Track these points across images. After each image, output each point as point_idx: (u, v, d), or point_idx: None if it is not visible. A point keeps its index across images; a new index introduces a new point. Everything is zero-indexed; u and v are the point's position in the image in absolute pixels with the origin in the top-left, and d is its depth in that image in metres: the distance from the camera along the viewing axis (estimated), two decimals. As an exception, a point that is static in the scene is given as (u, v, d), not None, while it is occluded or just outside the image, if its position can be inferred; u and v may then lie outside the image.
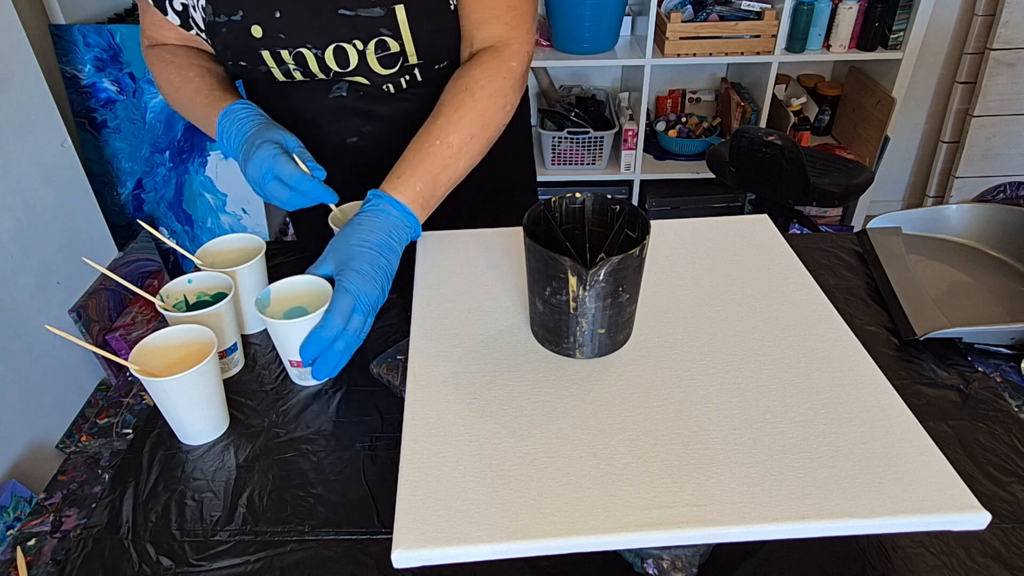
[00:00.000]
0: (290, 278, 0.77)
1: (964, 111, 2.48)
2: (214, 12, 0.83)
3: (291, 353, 0.75)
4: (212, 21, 0.83)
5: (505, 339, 0.69)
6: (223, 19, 0.82)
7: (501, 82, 0.83)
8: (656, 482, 0.54)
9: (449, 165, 0.80)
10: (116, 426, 0.76)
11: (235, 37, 0.83)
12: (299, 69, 0.86)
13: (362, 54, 0.85)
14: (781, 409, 0.60)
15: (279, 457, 0.69)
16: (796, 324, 0.69)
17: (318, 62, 0.85)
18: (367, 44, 0.84)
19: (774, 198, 2.05)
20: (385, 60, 0.86)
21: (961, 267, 0.93)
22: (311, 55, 0.84)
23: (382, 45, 0.84)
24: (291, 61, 0.85)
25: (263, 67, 0.86)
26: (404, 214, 0.76)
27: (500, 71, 0.84)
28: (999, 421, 0.70)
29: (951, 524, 0.51)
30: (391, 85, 0.90)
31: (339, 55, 0.85)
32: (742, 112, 2.50)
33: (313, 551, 0.61)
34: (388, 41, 0.84)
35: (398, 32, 0.83)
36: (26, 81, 1.70)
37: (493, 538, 0.50)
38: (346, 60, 0.85)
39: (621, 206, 0.68)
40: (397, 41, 0.84)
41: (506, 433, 0.59)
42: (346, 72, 0.87)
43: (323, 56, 0.84)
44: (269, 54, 0.84)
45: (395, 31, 0.83)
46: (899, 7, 2.26)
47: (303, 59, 0.85)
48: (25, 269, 1.64)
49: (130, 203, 2.36)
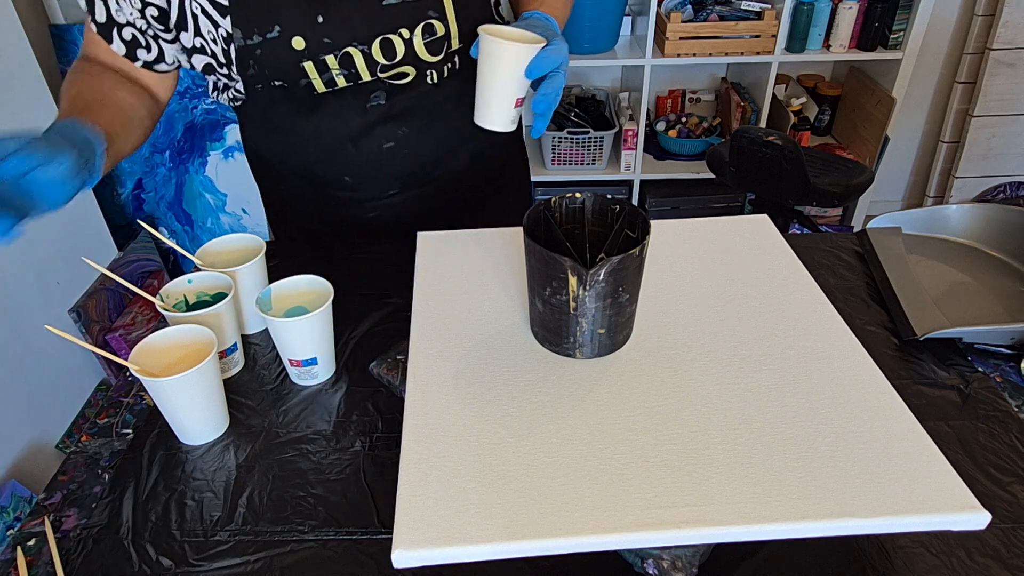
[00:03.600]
0: (291, 278, 0.77)
1: (964, 111, 2.48)
2: (245, 35, 0.80)
3: (291, 352, 0.75)
4: (244, 46, 0.81)
5: (505, 339, 0.69)
6: (257, 40, 0.80)
7: None
8: (656, 482, 0.54)
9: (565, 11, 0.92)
10: (116, 426, 0.76)
11: (273, 56, 0.81)
12: (343, 73, 0.85)
13: (408, 43, 0.85)
14: (781, 409, 0.60)
15: (279, 457, 0.69)
16: (796, 324, 0.69)
17: (365, 58, 0.84)
18: (414, 30, 0.84)
19: (774, 198, 2.05)
20: (432, 45, 0.87)
21: (961, 267, 0.93)
22: (358, 53, 0.84)
23: (429, 29, 0.85)
24: (336, 66, 0.84)
25: (303, 80, 0.84)
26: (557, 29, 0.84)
27: None
28: (999, 421, 0.70)
29: (951, 524, 0.51)
30: (435, 73, 0.90)
31: (386, 47, 0.85)
32: (742, 112, 2.50)
33: (313, 551, 0.61)
34: (434, 24, 0.85)
35: (443, 12, 0.85)
36: (26, 81, 1.70)
37: (493, 538, 0.50)
38: (393, 52, 0.85)
39: (621, 206, 0.68)
40: (443, 22, 0.85)
41: (506, 433, 0.59)
42: (393, 64, 0.86)
43: (370, 51, 0.84)
44: (312, 64, 0.83)
45: (441, 12, 0.84)
46: (899, 7, 2.26)
47: (349, 60, 0.84)
48: (25, 269, 1.64)
49: (130, 203, 2.36)
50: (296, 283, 0.77)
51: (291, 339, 0.74)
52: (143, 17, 0.81)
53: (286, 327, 0.73)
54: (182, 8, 0.80)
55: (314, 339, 0.75)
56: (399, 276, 0.93)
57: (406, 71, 0.88)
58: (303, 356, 0.75)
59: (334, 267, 0.97)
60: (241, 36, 0.80)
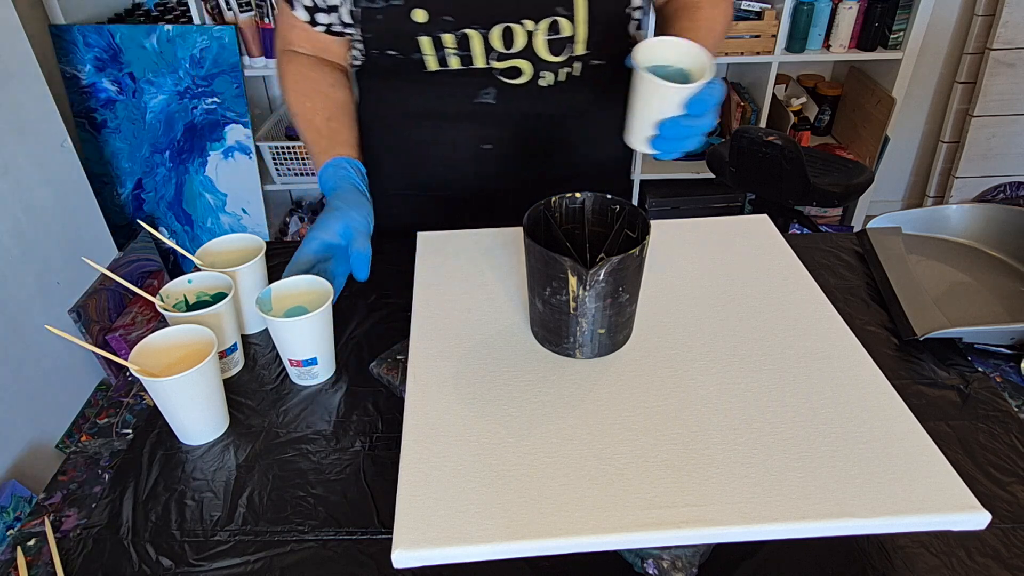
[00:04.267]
0: (291, 278, 0.77)
1: (964, 111, 2.48)
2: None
3: (291, 352, 0.75)
4: (367, 8, 0.82)
5: (505, 339, 0.69)
6: (380, 5, 0.81)
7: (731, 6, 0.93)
8: (656, 482, 0.54)
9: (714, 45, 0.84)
10: (116, 426, 0.76)
11: (392, 24, 0.82)
12: (458, 54, 0.84)
13: (531, 36, 0.84)
14: (781, 409, 0.60)
15: (279, 457, 0.69)
16: (796, 324, 0.69)
17: (483, 42, 0.83)
18: (538, 23, 0.83)
19: (774, 198, 2.05)
20: (554, 45, 0.85)
21: (961, 267, 0.93)
22: (477, 36, 0.83)
23: (554, 27, 0.83)
24: (452, 45, 0.83)
25: (416, 55, 0.84)
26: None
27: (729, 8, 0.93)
28: (999, 421, 0.70)
29: (951, 524, 0.51)
30: (551, 76, 0.88)
31: (506, 36, 0.83)
32: (742, 112, 2.50)
33: (313, 551, 0.61)
34: (561, 22, 0.83)
35: (572, 12, 0.83)
36: (26, 81, 1.70)
37: (493, 538, 0.50)
38: (512, 41, 0.84)
39: (621, 206, 0.68)
40: (571, 22, 0.83)
41: (506, 433, 0.59)
42: (509, 55, 0.85)
43: (488, 36, 0.83)
44: (429, 40, 0.83)
45: (570, 11, 0.83)
46: (899, 7, 2.26)
47: (466, 42, 0.83)
48: (25, 269, 1.64)
49: (130, 203, 2.36)
50: (296, 283, 0.77)
51: (291, 339, 0.74)
52: None
53: (286, 327, 0.73)
54: None
55: (314, 339, 0.74)
56: (399, 276, 0.93)
57: (521, 67, 0.87)
58: (303, 356, 0.75)
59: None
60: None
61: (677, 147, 0.73)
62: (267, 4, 2.17)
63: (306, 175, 2.45)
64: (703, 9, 0.87)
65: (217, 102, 2.24)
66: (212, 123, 2.28)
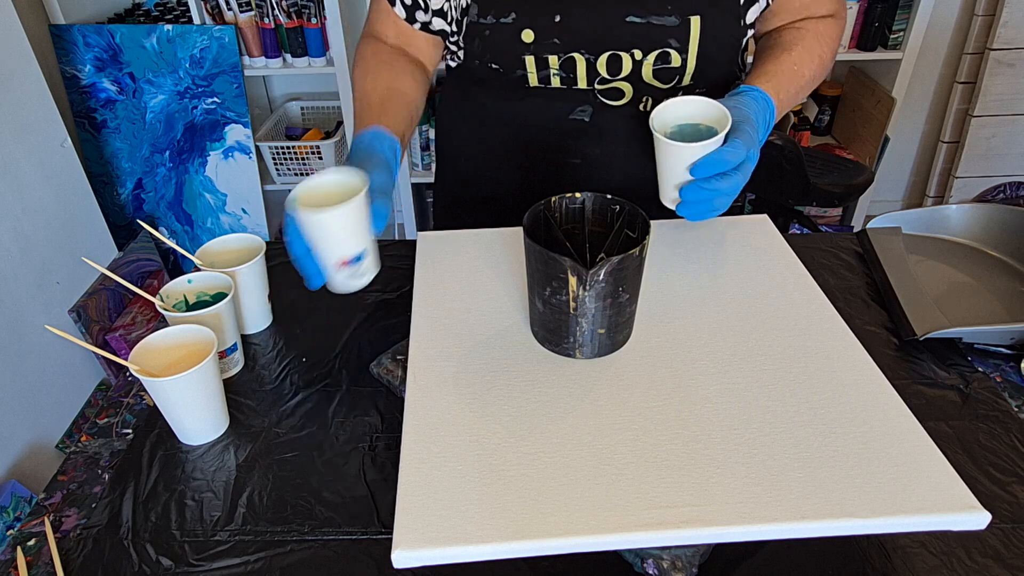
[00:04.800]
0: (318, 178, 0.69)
1: (964, 111, 2.48)
2: (480, 13, 0.80)
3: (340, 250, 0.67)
4: (476, 23, 0.81)
5: (505, 339, 0.69)
6: (490, 21, 0.80)
7: (837, 45, 0.89)
8: (656, 482, 0.54)
9: (797, 93, 0.83)
10: (116, 426, 0.76)
11: (500, 40, 0.80)
12: (561, 75, 0.83)
13: (638, 64, 0.82)
14: (781, 409, 0.60)
15: (279, 457, 0.69)
16: (796, 324, 0.69)
17: (587, 68, 0.82)
18: (647, 54, 0.81)
19: (774, 198, 2.05)
20: (662, 73, 0.83)
21: (961, 267, 0.93)
22: (582, 60, 0.81)
23: (663, 57, 0.81)
24: (556, 67, 0.82)
25: (519, 71, 0.83)
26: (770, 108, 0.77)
27: (838, 37, 0.90)
28: (999, 421, 0.70)
29: (951, 524, 0.51)
30: (651, 101, 0.86)
31: (612, 63, 0.82)
32: (742, 112, 2.50)
33: (313, 551, 0.61)
34: (671, 54, 0.81)
35: (686, 45, 0.80)
36: (26, 81, 1.70)
37: (493, 538, 0.50)
38: (619, 68, 0.82)
39: (621, 206, 0.68)
40: (682, 55, 0.81)
41: (506, 433, 0.59)
42: (614, 79, 0.84)
43: (595, 62, 0.81)
44: (533, 60, 0.81)
45: (684, 44, 0.80)
46: (899, 7, 2.26)
47: (572, 65, 0.82)
48: (25, 269, 1.64)
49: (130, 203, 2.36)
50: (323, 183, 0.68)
51: (338, 232, 0.65)
52: None
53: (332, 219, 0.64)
54: None
55: (362, 227, 0.67)
56: (399, 276, 0.93)
57: (623, 88, 0.85)
58: (353, 251, 0.67)
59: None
60: (477, 13, 0.80)
61: (700, 211, 0.72)
62: (267, 4, 2.17)
63: (306, 175, 2.45)
64: (793, 52, 0.84)
65: (217, 102, 2.24)
66: (212, 123, 2.28)
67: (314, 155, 2.38)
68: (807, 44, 0.85)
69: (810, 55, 0.85)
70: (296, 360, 0.81)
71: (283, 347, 0.83)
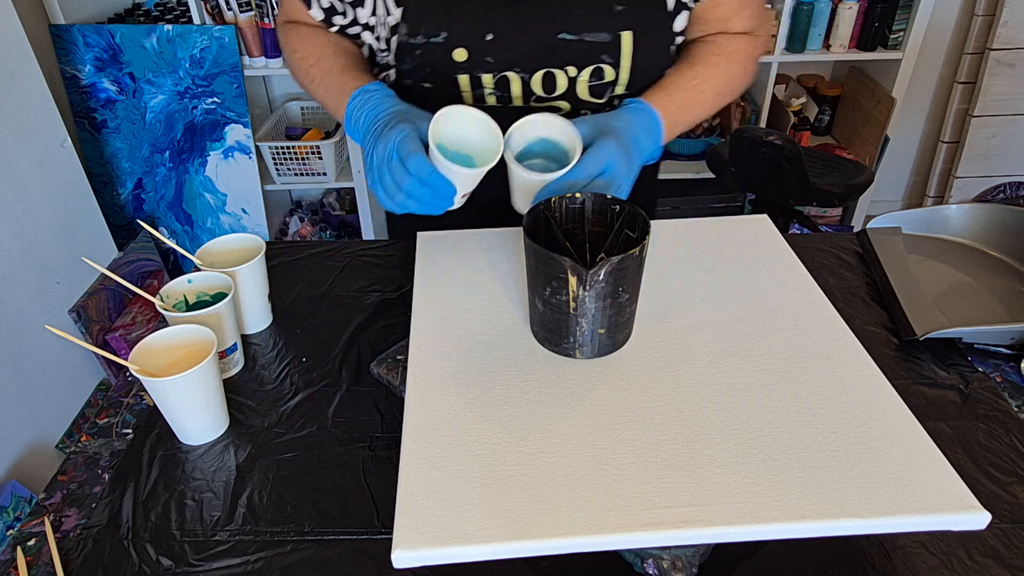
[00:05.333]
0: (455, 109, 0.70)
1: (964, 111, 2.48)
2: (410, 33, 0.78)
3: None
4: (406, 42, 0.79)
5: (505, 339, 0.69)
6: (421, 40, 0.78)
7: (749, 63, 0.88)
8: (656, 482, 0.54)
9: (696, 108, 0.83)
10: (116, 426, 0.76)
11: (432, 59, 0.79)
12: (496, 94, 0.82)
13: (573, 80, 0.81)
14: (781, 409, 0.60)
15: (279, 457, 0.69)
16: (796, 324, 0.69)
17: (523, 86, 0.81)
18: (582, 71, 0.80)
19: (774, 198, 2.05)
20: (596, 89, 0.83)
21: (961, 267, 0.93)
22: (517, 80, 0.81)
23: (597, 73, 0.81)
24: (491, 86, 0.81)
25: (452, 90, 0.82)
26: (655, 123, 0.78)
27: (752, 55, 0.88)
28: (999, 421, 0.70)
29: (951, 524, 0.51)
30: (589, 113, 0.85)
31: (547, 81, 0.81)
32: (742, 112, 2.50)
33: (313, 551, 0.61)
34: (605, 69, 0.81)
35: (619, 60, 0.80)
36: (26, 81, 1.70)
37: (493, 538, 0.50)
38: (553, 86, 0.82)
39: (621, 206, 0.68)
40: (615, 69, 0.81)
41: (506, 433, 0.59)
42: (549, 98, 0.83)
43: (529, 81, 0.81)
44: (467, 78, 0.80)
45: (616, 59, 0.80)
46: (899, 7, 2.26)
47: (506, 83, 0.81)
48: (25, 269, 1.64)
49: (130, 203, 2.36)
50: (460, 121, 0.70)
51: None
52: None
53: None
54: None
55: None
56: (399, 276, 0.93)
57: (560, 107, 0.85)
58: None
59: (335, 267, 0.97)
60: (407, 32, 0.78)
61: None
62: (267, 4, 2.17)
63: (306, 175, 2.45)
64: (696, 67, 0.84)
65: (217, 102, 2.24)
66: (212, 123, 2.28)
67: (314, 155, 2.38)
68: (713, 61, 0.85)
69: (715, 71, 0.85)
70: (296, 360, 0.81)
71: (283, 347, 0.83)
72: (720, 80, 0.85)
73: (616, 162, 0.71)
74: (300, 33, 0.89)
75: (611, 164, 0.71)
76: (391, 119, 0.73)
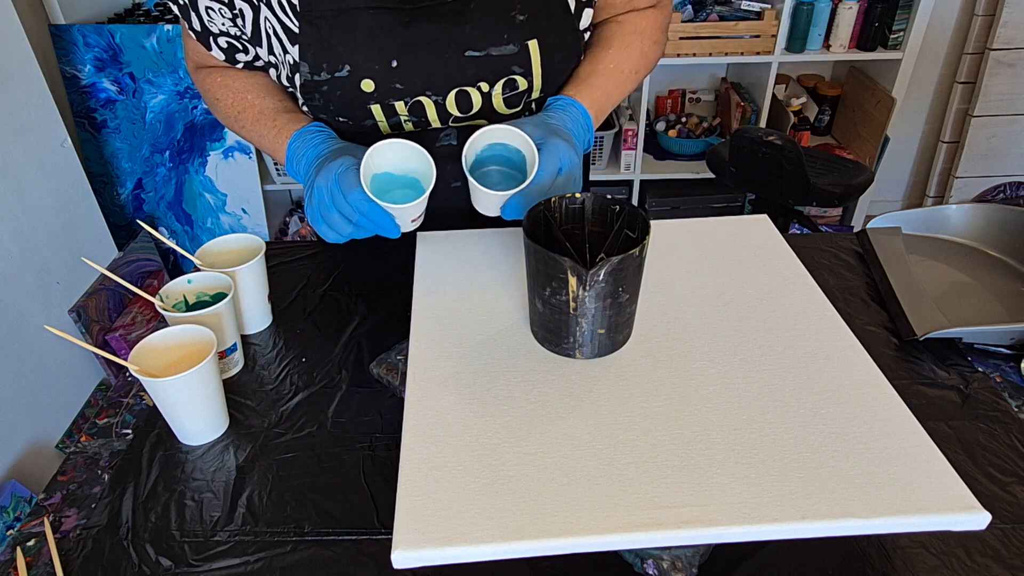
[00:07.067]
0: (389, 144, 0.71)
1: (964, 111, 2.48)
2: (312, 71, 0.76)
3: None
4: (310, 80, 0.77)
5: (505, 339, 0.69)
6: (325, 76, 0.76)
7: (660, 35, 0.91)
8: (656, 482, 0.54)
9: (618, 90, 0.86)
10: (116, 426, 0.76)
11: (340, 93, 0.77)
12: (412, 120, 0.81)
13: (487, 96, 0.81)
14: (781, 409, 0.60)
15: (279, 457, 0.69)
16: (796, 324, 0.69)
17: (437, 109, 0.81)
18: (494, 85, 0.80)
19: (774, 198, 2.05)
20: (511, 100, 0.82)
21: (961, 267, 0.93)
22: (430, 103, 0.80)
23: (510, 84, 0.80)
24: (405, 112, 0.80)
25: (369, 121, 0.81)
26: (585, 116, 0.81)
27: (662, 26, 0.91)
28: (999, 421, 0.70)
29: (951, 524, 0.51)
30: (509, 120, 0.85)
31: (461, 100, 0.80)
32: (742, 112, 2.50)
33: (313, 551, 0.61)
34: (517, 79, 0.80)
35: (529, 69, 0.80)
36: (26, 81, 1.70)
37: (493, 538, 0.50)
38: (469, 105, 0.81)
39: (621, 206, 0.68)
40: (527, 78, 0.80)
41: (506, 433, 0.59)
42: (467, 117, 0.83)
43: (444, 103, 0.80)
44: (380, 108, 0.79)
45: (527, 68, 0.79)
46: (899, 7, 2.26)
47: (420, 108, 0.80)
48: (25, 269, 1.64)
49: (130, 203, 2.36)
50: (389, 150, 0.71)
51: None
52: (235, 26, 0.78)
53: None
54: (256, 24, 0.77)
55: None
56: (399, 276, 0.93)
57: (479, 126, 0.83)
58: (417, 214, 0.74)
59: (335, 267, 0.97)
60: (308, 71, 0.76)
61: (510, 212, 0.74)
62: (267, 4, 2.17)
63: (306, 175, 2.45)
64: (611, 49, 0.86)
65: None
66: (212, 123, 2.28)
67: (314, 155, 2.38)
68: (626, 39, 0.87)
69: (629, 52, 0.87)
70: (296, 360, 0.81)
71: (283, 347, 0.83)
72: (636, 58, 0.87)
73: (569, 157, 0.74)
74: (215, 81, 0.87)
75: (565, 160, 0.73)
76: (331, 155, 0.74)
